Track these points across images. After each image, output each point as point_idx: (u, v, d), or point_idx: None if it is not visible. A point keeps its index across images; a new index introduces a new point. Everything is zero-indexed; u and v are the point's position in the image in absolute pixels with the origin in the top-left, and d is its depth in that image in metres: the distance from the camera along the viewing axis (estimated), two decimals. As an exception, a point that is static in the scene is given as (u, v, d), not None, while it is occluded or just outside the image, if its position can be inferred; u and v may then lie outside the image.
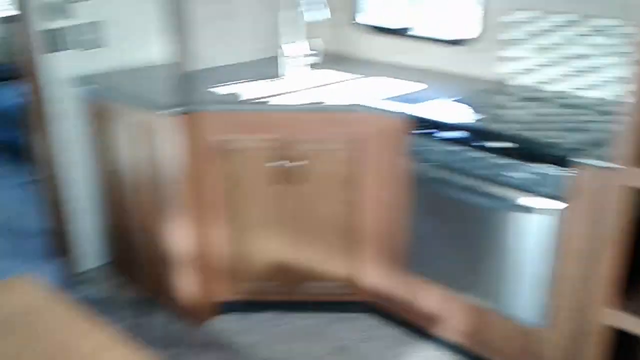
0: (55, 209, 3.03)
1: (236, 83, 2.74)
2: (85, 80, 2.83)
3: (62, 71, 2.82)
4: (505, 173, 2.10)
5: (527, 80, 2.64)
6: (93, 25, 2.86)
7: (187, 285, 2.70)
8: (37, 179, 3.09)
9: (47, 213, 3.08)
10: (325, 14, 2.91)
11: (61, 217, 3.03)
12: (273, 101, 2.49)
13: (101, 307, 2.87)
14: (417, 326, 2.63)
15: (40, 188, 3.06)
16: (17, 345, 1.28)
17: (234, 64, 3.09)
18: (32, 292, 1.47)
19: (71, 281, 3.07)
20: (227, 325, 2.75)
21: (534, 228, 2.07)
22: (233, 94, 2.57)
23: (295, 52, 2.93)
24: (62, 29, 2.77)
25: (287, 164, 2.52)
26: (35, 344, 1.28)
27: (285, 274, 2.74)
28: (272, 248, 2.69)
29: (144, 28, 3.02)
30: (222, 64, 3.06)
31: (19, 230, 3.59)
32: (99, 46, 2.90)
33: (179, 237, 2.62)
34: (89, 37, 2.86)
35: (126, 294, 2.98)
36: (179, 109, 2.41)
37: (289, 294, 2.78)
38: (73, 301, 1.86)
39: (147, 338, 2.66)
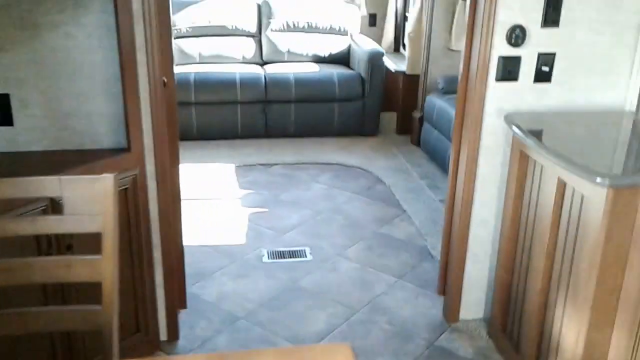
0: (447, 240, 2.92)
1: None
2: (517, 115, 2.57)
3: (501, 102, 2.62)
4: None
5: None
6: (548, 56, 2.57)
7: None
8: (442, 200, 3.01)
9: (443, 240, 2.99)
10: None
11: (453, 252, 2.89)
12: None
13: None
14: None
15: (445, 211, 2.97)
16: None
17: None
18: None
19: (443, 326, 2.92)
20: None
21: None
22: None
23: None
24: (517, 57, 2.56)
25: None
26: None
27: None
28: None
29: (607, 63, 2.58)
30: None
31: (419, 249, 3.61)
32: (547, 80, 2.60)
33: (570, 326, 2.17)
34: (539, 69, 2.58)
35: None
36: (626, 181, 1.94)
37: None
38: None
39: None
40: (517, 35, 2.54)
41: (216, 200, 4.23)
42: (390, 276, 3.32)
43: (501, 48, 2.56)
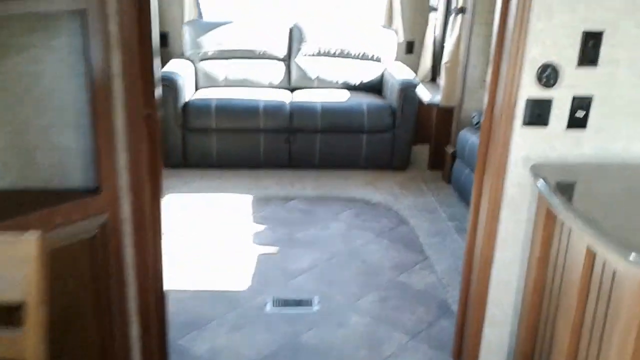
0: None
1: None
2: (546, 166, 2.26)
3: (528, 149, 2.32)
4: None
5: None
6: (583, 99, 2.25)
7: None
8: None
9: (460, 298, 2.68)
10: None
11: (471, 313, 2.57)
12: None
13: None
14: None
15: (463, 268, 2.65)
16: None
17: None
18: None
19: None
20: None
21: None
22: None
23: None
24: (548, 100, 2.25)
25: None
26: None
27: None
28: None
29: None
30: None
31: (438, 303, 3.29)
32: (581, 126, 2.28)
33: None
34: (573, 113, 2.27)
35: None
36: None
37: None
38: None
39: None
40: (548, 75, 2.24)
41: (224, 236, 4.00)
42: (403, 334, 3.01)
43: (530, 88, 2.26)
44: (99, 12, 1.98)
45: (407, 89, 5.02)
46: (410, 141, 5.18)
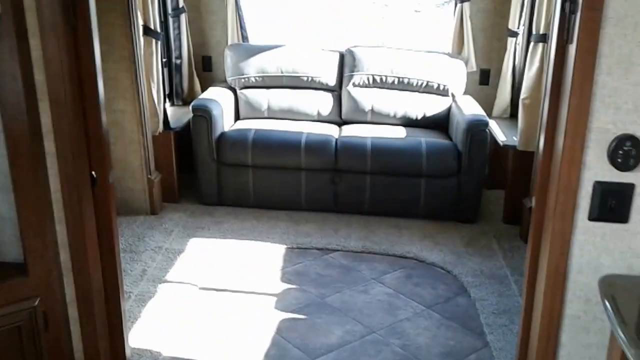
0: None
1: None
2: (621, 280, 1.53)
3: (597, 253, 1.60)
4: None
5: None
6: None
7: None
8: None
9: None
10: None
11: None
12: None
13: None
14: None
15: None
16: None
17: None
18: None
19: None
20: None
21: None
22: None
23: None
24: (627, 185, 1.54)
25: None
26: None
27: None
28: None
29: None
30: None
31: None
32: None
33: None
34: None
35: None
36: None
37: None
38: None
39: None
40: (627, 152, 1.54)
41: (243, 298, 3.37)
42: None
43: (599, 169, 1.61)
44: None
45: (476, 128, 4.30)
46: (478, 189, 4.44)
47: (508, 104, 5.11)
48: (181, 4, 4.84)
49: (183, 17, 4.85)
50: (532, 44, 4.22)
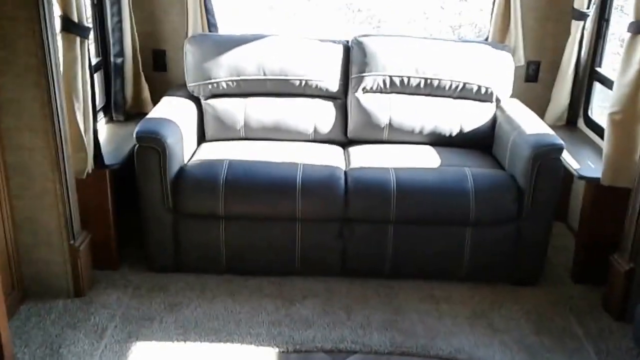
0: None
1: None
2: None
3: None
4: None
5: None
6: None
7: None
8: None
9: None
10: None
11: None
12: None
13: None
14: None
15: None
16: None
17: None
18: None
19: None
20: None
21: None
22: None
23: None
24: None
25: None
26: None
27: None
28: None
29: None
30: None
31: None
32: None
33: None
34: None
35: None
36: None
37: None
38: None
39: None
40: None
41: None
42: None
43: None
44: None
45: (546, 156, 3.11)
46: (545, 240, 3.27)
47: (565, 109, 3.92)
48: (121, -20, 3.51)
49: (124, -1, 3.54)
50: (629, 35, 2.98)
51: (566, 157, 3.30)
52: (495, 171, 3.33)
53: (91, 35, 3.04)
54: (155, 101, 3.61)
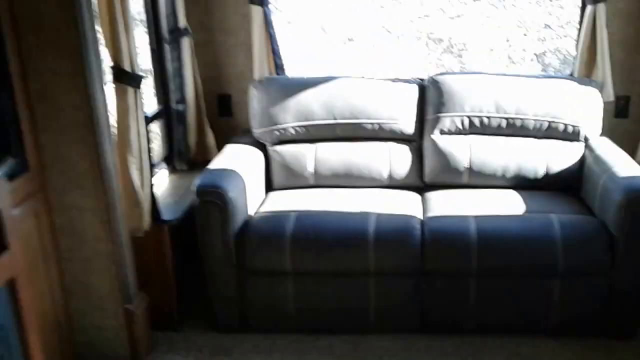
0: None
1: None
2: None
3: None
4: None
5: None
6: None
7: None
8: None
9: None
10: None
11: None
12: None
13: None
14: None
15: None
16: None
17: None
18: None
19: None
20: None
21: None
22: None
23: None
24: None
25: None
26: None
27: None
28: None
29: None
30: None
31: None
32: None
33: None
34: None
35: None
36: None
37: None
38: None
39: None
40: None
41: None
42: None
43: None
44: None
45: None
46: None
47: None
48: (182, 23, 3.45)
49: (186, 42, 3.47)
50: None
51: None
52: (584, 218, 3.07)
53: (151, 82, 2.95)
54: (221, 148, 3.51)
